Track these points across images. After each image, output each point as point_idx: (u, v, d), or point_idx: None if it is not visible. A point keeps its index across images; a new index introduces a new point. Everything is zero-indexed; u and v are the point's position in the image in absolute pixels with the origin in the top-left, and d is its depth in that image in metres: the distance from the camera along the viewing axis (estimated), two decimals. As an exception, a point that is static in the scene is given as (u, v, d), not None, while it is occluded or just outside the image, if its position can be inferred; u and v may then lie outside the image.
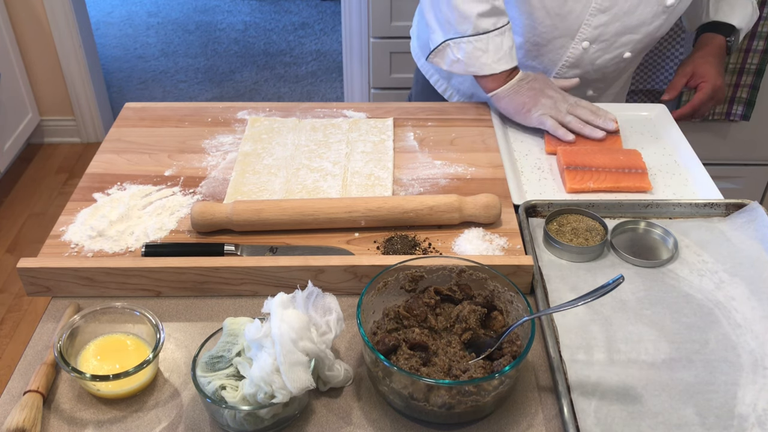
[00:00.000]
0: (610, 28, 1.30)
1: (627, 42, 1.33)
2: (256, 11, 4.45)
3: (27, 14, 2.87)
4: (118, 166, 1.16)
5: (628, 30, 1.31)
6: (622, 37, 1.32)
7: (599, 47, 1.33)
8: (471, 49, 1.24)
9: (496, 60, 1.24)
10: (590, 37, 1.31)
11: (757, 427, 0.76)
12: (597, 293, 0.77)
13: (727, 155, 2.24)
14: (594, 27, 1.30)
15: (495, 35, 1.24)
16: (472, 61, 1.25)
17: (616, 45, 1.33)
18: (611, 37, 1.32)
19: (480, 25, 1.22)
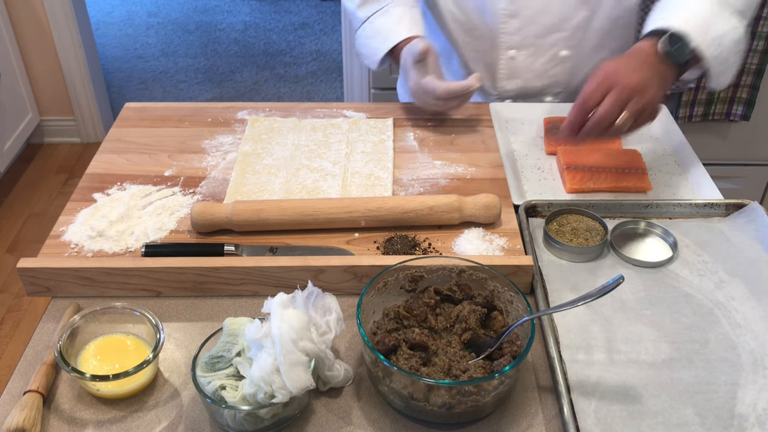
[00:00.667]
0: (528, 31, 1.27)
1: (556, 41, 1.28)
2: (256, 11, 4.46)
3: (27, 14, 2.87)
4: (118, 166, 1.16)
5: (551, 29, 1.27)
6: (548, 37, 1.28)
7: (527, 53, 1.30)
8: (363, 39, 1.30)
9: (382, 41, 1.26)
10: (513, 45, 1.29)
11: (757, 427, 0.76)
12: (597, 293, 0.77)
13: (727, 155, 2.24)
14: (511, 34, 1.28)
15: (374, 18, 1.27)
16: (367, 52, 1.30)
17: (544, 47, 1.29)
18: (534, 39, 1.28)
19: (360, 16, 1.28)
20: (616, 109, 0.94)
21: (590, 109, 0.95)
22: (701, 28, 1.02)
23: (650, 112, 0.96)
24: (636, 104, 0.94)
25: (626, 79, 0.94)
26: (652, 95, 0.95)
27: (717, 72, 1.05)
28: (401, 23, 1.25)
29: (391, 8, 1.27)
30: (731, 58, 1.05)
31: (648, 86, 0.95)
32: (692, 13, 1.04)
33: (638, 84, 0.94)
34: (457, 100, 1.19)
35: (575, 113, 0.97)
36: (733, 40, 1.03)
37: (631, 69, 0.96)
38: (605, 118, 0.94)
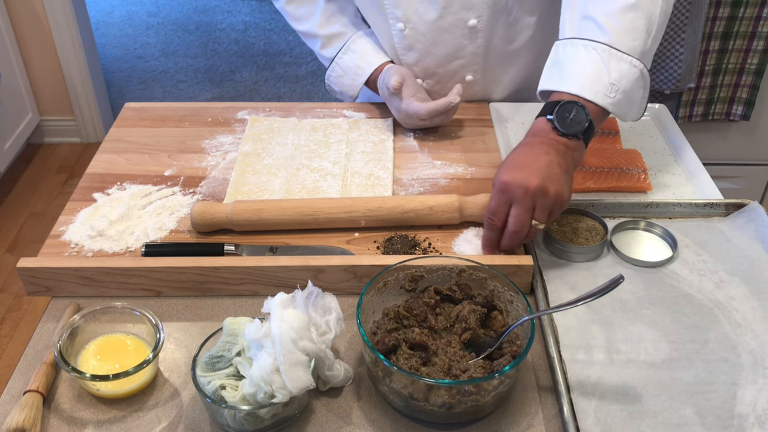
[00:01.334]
0: (427, 61, 1.29)
1: (458, 68, 1.29)
2: (256, 11, 4.46)
3: (27, 14, 2.87)
4: (118, 166, 1.16)
5: (448, 58, 1.28)
6: (448, 65, 1.29)
7: (433, 81, 1.32)
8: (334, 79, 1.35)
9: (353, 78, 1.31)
10: (418, 75, 1.32)
11: (757, 426, 0.76)
12: (597, 293, 0.77)
13: (727, 155, 2.24)
14: (412, 65, 1.30)
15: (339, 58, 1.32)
16: (341, 89, 1.34)
17: (448, 74, 1.31)
18: (436, 68, 1.30)
19: (326, 56, 1.33)
20: (524, 218, 0.91)
21: (501, 226, 0.93)
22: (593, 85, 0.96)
23: (559, 204, 0.92)
24: (542, 207, 0.90)
25: (523, 188, 0.89)
26: (555, 190, 0.90)
27: (623, 113, 1.00)
28: (365, 56, 1.29)
29: (351, 44, 1.30)
30: (635, 95, 0.99)
31: (547, 185, 0.89)
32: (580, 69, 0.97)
33: (537, 187, 0.89)
34: (441, 116, 1.21)
35: (488, 234, 0.95)
36: (632, 81, 0.97)
37: (526, 171, 0.90)
38: (518, 231, 0.91)
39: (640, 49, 0.98)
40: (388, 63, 1.29)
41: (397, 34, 1.27)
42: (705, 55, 1.99)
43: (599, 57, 0.97)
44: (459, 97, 1.19)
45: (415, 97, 1.22)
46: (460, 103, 1.20)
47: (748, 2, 1.90)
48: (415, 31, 1.25)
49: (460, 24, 1.23)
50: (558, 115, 0.95)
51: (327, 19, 1.32)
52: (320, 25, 1.32)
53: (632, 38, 0.97)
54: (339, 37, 1.32)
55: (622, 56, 0.97)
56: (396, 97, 1.23)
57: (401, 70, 1.24)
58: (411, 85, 1.23)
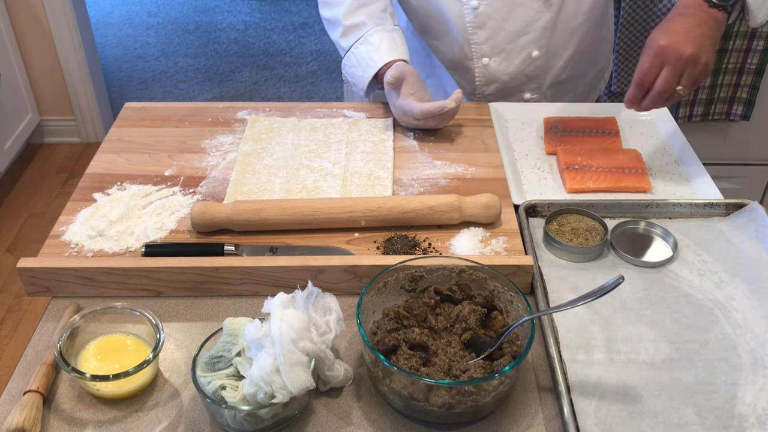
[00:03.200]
0: (498, 38, 1.31)
1: (526, 44, 1.32)
2: (256, 11, 4.46)
3: (27, 14, 2.87)
4: (118, 166, 1.16)
5: (519, 33, 1.30)
6: (517, 41, 1.31)
7: (500, 59, 1.34)
8: (348, 68, 1.34)
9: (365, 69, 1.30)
10: (485, 53, 1.33)
11: (757, 427, 0.76)
12: (597, 293, 0.77)
13: (727, 155, 2.24)
14: (481, 43, 1.32)
15: (355, 47, 1.31)
16: (353, 80, 1.34)
17: (515, 50, 1.33)
18: (505, 45, 1.32)
19: (343, 45, 1.33)
20: (672, 82, 1.01)
21: (648, 85, 1.03)
22: None
23: (705, 74, 1.03)
24: (690, 74, 1.01)
25: (678, 53, 1.00)
26: (705, 62, 1.01)
27: (756, 6, 1.09)
28: (380, 49, 1.28)
29: (369, 36, 1.30)
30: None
31: (700, 54, 1.00)
32: None
33: (691, 54, 1.00)
34: (435, 119, 1.21)
35: (634, 91, 1.05)
36: None
37: (682, 38, 1.01)
38: (663, 92, 1.02)
39: None
40: (400, 61, 1.28)
41: (470, 12, 1.28)
42: (705, 54, 1.99)
43: None
44: (455, 103, 1.19)
45: (415, 96, 1.22)
46: (457, 109, 1.20)
47: (748, 2, 1.90)
48: (489, 8, 1.27)
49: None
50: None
51: (354, 9, 1.32)
52: (346, 13, 1.32)
53: None
54: (359, 28, 1.31)
55: None
56: (395, 93, 1.24)
57: (404, 68, 1.24)
58: (412, 84, 1.23)
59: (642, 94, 1.04)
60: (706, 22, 1.04)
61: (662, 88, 1.02)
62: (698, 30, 1.03)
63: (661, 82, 1.02)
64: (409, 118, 1.22)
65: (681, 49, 1.01)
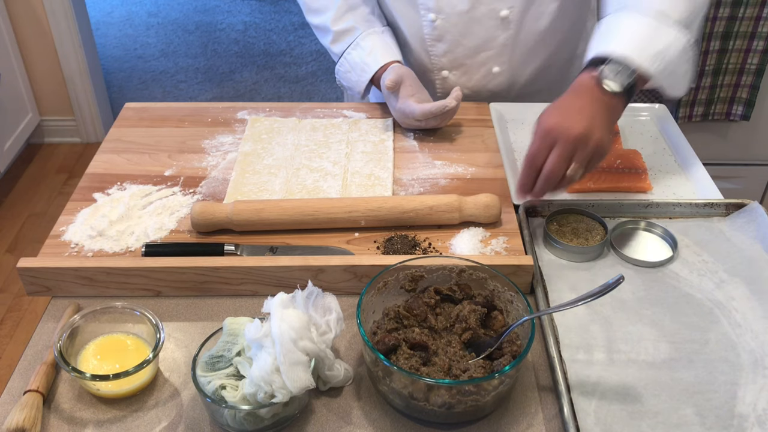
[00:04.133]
0: (456, 52, 1.30)
1: (485, 60, 1.31)
2: (256, 11, 4.46)
3: (27, 14, 2.87)
4: (118, 166, 1.16)
5: (477, 49, 1.29)
6: (476, 56, 1.30)
7: (460, 72, 1.33)
8: (342, 74, 1.34)
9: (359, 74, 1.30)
10: (444, 66, 1.32)
11: (757, 426, 0.76)
12: (597, 293, 0.77)
13: (727, 155, 2.24)
14: (440, 56, 1.31)
15: (348, 53, 1.31)
16: (349, 85, 1.34)
17: (475, 66, 1.32)
18: (464, 60, 1.31)
19: (335, 51, 1.33)
20: (563, 163, 0.92)
21: (539, 167, 0.93)
22: (640, 48, 0.97)
23: (599, 155, 0.93)
24: (582, 154, 0.92)
25: (568, 132, 0.91)
26: (597, 140, 0.92)
27: (668, 85, 1.01)
28: (373, 53, 1.28)
29: (361, 40, 1.30)
30: (680, 68, 1.01)
31: (591, 132, 0.91)
32: (629, 34, 0.99)
33: (581, 133, 0.90)
34: (436, 119, 1.21)
35: (525, 174, 0.96)
36: (678, 51, 0.98)
37: (573, 117, 0.92)
38: (553, 174, 0.92)
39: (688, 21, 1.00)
40: (395, 62, 1.29)
41: (428, 25, 1.28)
42: (705, 55, 1.99)
43: (648, 25, 0.98)
44: (456, 101, 1.19)
45: (414, 97, 1.22)
46: (457, 107, 1.20)
47: (748, 2, 1.90)
48: (446, 22, 1.26)
49: (492, 15, 1.24)
50: (603, 71, 0.96)
51: (342, 14, 1.32)
52: (334, 19, 1.32)
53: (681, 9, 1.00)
54: (350, 33, 1.32)
55: (671, 26, 0.98)
56: (393, 96, 1.24)
57: (401, 70, 1.24)
58: (410, 85, 1.23)
59: (533, 177, 0.95)
60: (600, 101, 0.95)
61: (550, 170, 0.92)
62: (590, 108, 0.93)
63: (551, 163, 0.92)
64: (410, 119, 1.22)
65: (570, 128, 0.91)
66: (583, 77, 0.98)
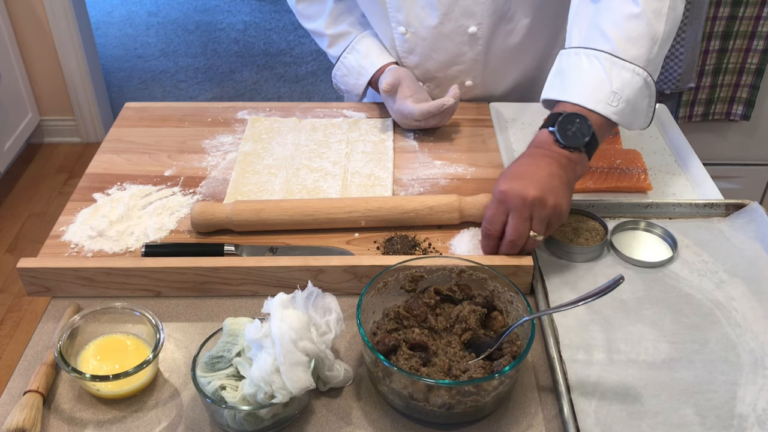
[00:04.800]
0: (427, 65, 1.30)
1: (457, 73, 1.31)
2: (256, 11, 4.45)
3: (27, 14, 2.87)
4: (118, 166, 1.16)
5: (448, 63, 1.29)
6: (448, 70, 1.31)
7: (433, 84, 1.34)
8: (340, 78, 1.34)
9: (357, 78, 1.31)
10: (419, 77, 1.33)
11: (757, 427, 0.76)
12: (597, 293, 0.77)
13: (727, 155, 2.24)
14: (413, 68, 1.32)
15: (344, 57, 1.32)
16: (346, 88, 1.34)
17: (447, 79, 1.32)
18: (436, 73, 1.32)
19: (333, 54, 1.34)
20: (522, 228, 0.90)
21: (498, 235, 0.92)
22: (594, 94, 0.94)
23: (558, 217, 0.91)
24: (539, 217, 0.90)
25: (521, 197, 0.89)
26: (553, 202, 0.89)
27: (628, 122, 0.98)
28: (369, 56, 1.29)
29: (356, 43, 1.31)
30: (640, 104, 0.98)
31: (546, 196, 0.89)
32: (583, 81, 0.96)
33: (534, 197, 0.88)
34: (435, 118, 1.21)
35: (485, 243, 0.94)
36: (635, 89, 0.95)
37: (525, 181, 0.90)
38: (515, 241, 0.91)
39: (644, 57, 0.96)
40: (391, 64, 1.29)
41: (399, 38, 1.28)
42: (705, 55, 1.99)
43: (601, 66, 0.95)
44: (454, 99, 1.19)
45: (413, 97, 1.22)
46: (455, 105, 1.20)
47: (748, 2, 1.90)
48: (416, 36, 1.26)
49: (460, 31, 1.24)
50: (560, 127, 0.93)
51: (335, 18, 1.32)
52: (328, 24, 1.33)
53: (635, 47, 0.96)
54: (345, 37, 1.33)
55: (625, 65, 0.95)
56: (391, 98, 1.24)
57: (399, 72, 1.24)
58: (409, 86, 1.23)
59: (494, 243, 0.93)
60: (557, 161, 0.92)
61: (512, 236, 0.90)
62: (545, 171, 0.91)
63: (510, 230, 0.90)
64: (410, 120, 1.22)
65: (523, 192, 0.88)
66: (541, 135, 0.96)
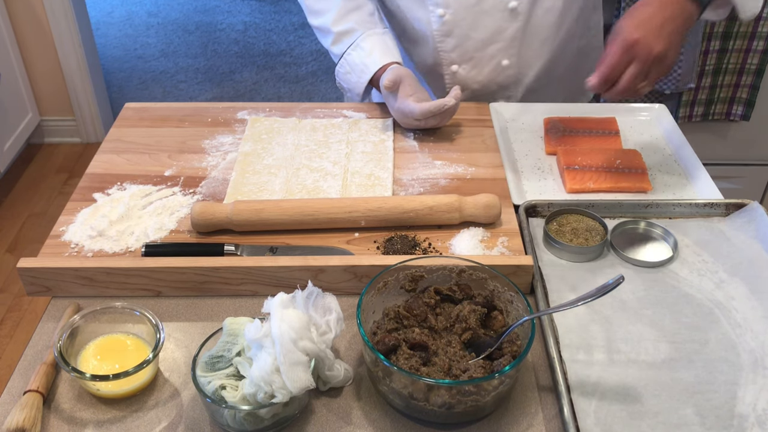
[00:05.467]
0: (465, 46, 1.31)
1: (495, 53, 1.32)
2: (256, 11, 4.45)
3: (27, 14, 2.87)
4: (118, 166, 1.16)
5: (486, 42, 1.30)
6: (486, 49, 1.31)
7: (469, 66, 1.34)
8: (342, 75, 1.34)
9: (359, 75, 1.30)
10: (454, 60, 1.34)
11: (757, 427, 0.76)
12: (597, 293, 0.77)
13: (727, 155, 2.24)
14: (449, 51, 1.32)
15: (348, 54, 1.31)
16: (348, 86, 1.34)
17: (484, 59, 1.33)
18: (473, 53, 1.32)
19: (335, 52, 1.33)
20: (638, 80, 0.99)
21: (615, 78, 1.00)
22: None
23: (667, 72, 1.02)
24: (657, 72, 1.00)
25: (649, 49, 0.98)
26: (671, 61, 1.00)
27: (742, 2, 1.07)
28: (373, 54, 1.29)
29: (361, 41, 1.30)
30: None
31: (668, 52, 0.99)
32: None
33: (659, 52, 0.98)
34: (436, 118, 1.22)
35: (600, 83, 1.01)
36: None
37: (655, 33, 0.98)
38: (628, 88, 1.00)
39: None
40: (394, 63, 1.29)
41: (437, 20, 1.29)
42: (705, 55, 1.99)
43: None
44: (455, 100, 1.19)
45: (413, 96, 1.22)
46: (456, 106, 1.20)
47: (749, 2, 1.90)
48: (455, 16, 1.28)
49: (500, 6, 1.25)
50: None
51: (342, 16, 1.32)
52: (335, 21, 1.32)
53: None
54: (350, 34, 1.32)
55: None
56: (392, 96, 1.24)
57: (400, 70, 1.24)
58: (409, 85, 1.23)
59: (607, 87, 1.02)
60: (680, 15, 1.01)
61: (627, 85, 0.99)
62: (671, 25, 0.99)
63: (628, 78, 0.99)
64: (410, 119, 1.22)
65: (652, 45, 0.98)
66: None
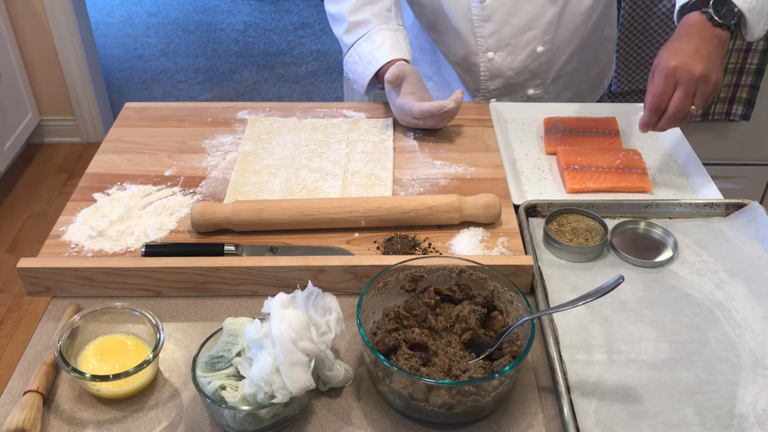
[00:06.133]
0: (503, 32, 1.32)
1: (531, 39, 1.34)
2: (256, 11, 4.45)
3: (27, 14, 2.87)
4: (118, 166, 1.16)
5: (524, 28, 1.32)
6: (522, 36, 1.33)
7: (505, 53, 1.35)
8: (350, 65, 1.34)
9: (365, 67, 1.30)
10: (491, 47, 1.35)
11: (757, 427, 0.76)
12: (597, 293, 0.77)
13: (727, 155, 2.24)
14: (486, 37, 1.33)
15: (358, 44, 1.31)
16: (354, 77, 1.34)
17: (521, 45, 1.34)
18: (510, 39, 1.33)
19: (346, 42, 1.33)
20: (686, 102, 1.03)
21: (663, 108, 1.04)
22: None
23: (715, 92, 1.04)
24: (702, 93, 1.03)
25: (690, 72, 1.02)
26: (715, 80, 1.03)
27: (753, 23, 1.09)
28: (382, 48, 1.28)
29: (373, 33, 1.30)
30: (765, 8, 1.10)
31: (710, 72, 1.02)
32: None
33: (702, 73, 1.01)
34: (434, 119, 1.21)
35: (650, 114, 1.05)
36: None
37: (692, 57, 1.03)
38: (678, 113, 1.03)
39: None
40: (402, 60, 1.29)
41: (476, 6, 1.30)
42: (705, 55, 1.98)
43: None
44: (455, 104, 1.19)
45: (415, 95, 1.22)
46: (456, 110, 1.20)
47: (748, 2, 1.90)
48: (495, 2, 1.29)
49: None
50: (714, 7, 1.06)
51: (360, 6, 1.32)
52: (351, 10, 1.32)
53: None
54: (363, 25, 1.32)
55: None
56: (395, 91, 1.24)
57: (405, 67, 1.24)
58: (413, 83, 1.23)
59: (658, 117, 1.05)
60: (712, 41, 1.05)
61: (677, 109, 1.03)
62: (705, 49, 1.03)
63: (676, 103, 1.03)
64: (409, 117, 1.22)
65: (692, 68, 1.02)
66: (692, 18, 1.08)
